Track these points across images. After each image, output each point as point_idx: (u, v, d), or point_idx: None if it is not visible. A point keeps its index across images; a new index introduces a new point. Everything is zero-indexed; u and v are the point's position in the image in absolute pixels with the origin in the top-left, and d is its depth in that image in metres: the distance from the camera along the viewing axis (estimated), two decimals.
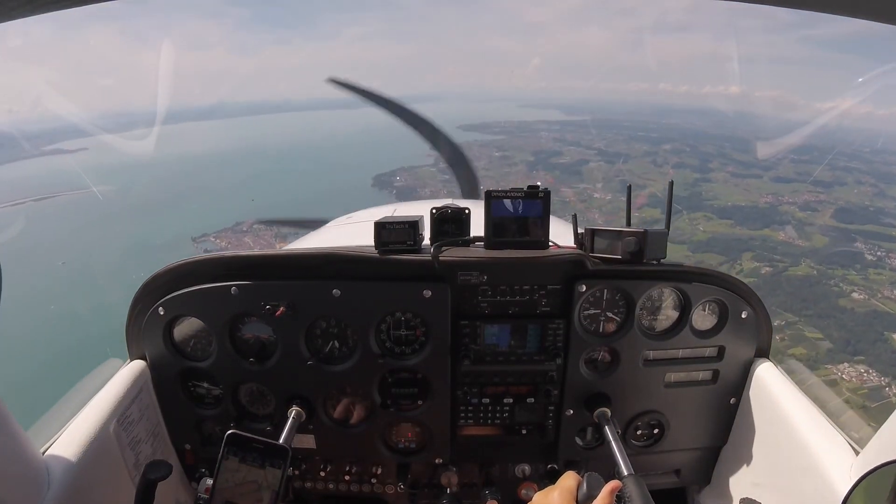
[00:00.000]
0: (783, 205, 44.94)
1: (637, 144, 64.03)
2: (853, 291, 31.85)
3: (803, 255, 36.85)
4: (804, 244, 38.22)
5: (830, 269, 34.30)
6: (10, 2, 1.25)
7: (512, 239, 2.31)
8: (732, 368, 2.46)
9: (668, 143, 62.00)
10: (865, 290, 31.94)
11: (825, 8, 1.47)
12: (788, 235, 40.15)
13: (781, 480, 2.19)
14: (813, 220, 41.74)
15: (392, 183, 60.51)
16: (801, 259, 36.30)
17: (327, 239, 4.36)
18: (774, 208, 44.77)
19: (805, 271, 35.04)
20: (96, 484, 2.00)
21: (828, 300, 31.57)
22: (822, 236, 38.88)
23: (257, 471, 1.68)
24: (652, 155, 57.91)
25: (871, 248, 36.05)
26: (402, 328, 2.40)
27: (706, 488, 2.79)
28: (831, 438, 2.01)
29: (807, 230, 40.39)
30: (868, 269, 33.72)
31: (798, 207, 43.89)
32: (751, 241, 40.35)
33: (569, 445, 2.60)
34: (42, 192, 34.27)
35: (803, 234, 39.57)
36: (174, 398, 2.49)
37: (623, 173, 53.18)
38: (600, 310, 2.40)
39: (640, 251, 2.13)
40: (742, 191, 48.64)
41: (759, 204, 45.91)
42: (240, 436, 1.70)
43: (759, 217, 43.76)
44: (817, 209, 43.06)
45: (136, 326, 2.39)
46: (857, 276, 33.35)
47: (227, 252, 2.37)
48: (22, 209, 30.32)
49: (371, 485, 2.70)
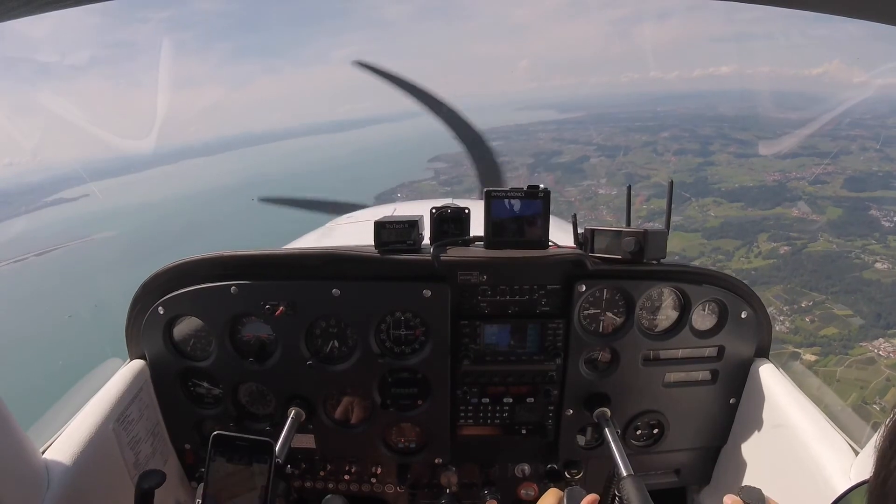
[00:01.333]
0: (791, 181, 44.38)
1: (635, 135, 63.44)
2: (876, 262, 30.97)
3: (820, 229, 36.10)
4: (819, 218, 37.60)
5: (850, 241, 33.67)
6: (11, 2, 1.24)
7: (512, 239, 2.30)
8: (732, 368, 2.46)
9: (665, 130, 61.27)
10: (888, 258, 31.05)
11: (825, 8, 1.46)
12: (802, 211, 39.22)
13: (781, 480, 2.18)
14: (824, 193, 41.17)
15: (394, 199, 59.02)
16: (819, 234, 35.64)
17: (327, 238, 4.41)
18: (783, 185, 44.16)
19: (824, 246, 34.37)
20: (96, 484, 2.01)
21: (852, 273, 30.85)
22: (836, 207, 38.15)
23: (245, 469, 1.68)
24: (652, 144, 57.27)
25: (887, 215, 35.01)
26: (402, 328, 2.40)
27: (706, 488, 2.80)
28: (831, 438, 2.02)
29: (819, 203, 39.72)
30: (887, 237, 33.11)
31: (808, 182, 43.29)
32: (764, 222, 39.45)
33: (569, 445, 2.60)
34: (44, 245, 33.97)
35: (816, 208, 38.97)
36: (174, 398, 2.49)
37: (625, 165, 52.53)
38: (600, 310, 2.40)
39: (639, 251, 2.13)
40: (747, 171, 48.03)
41: (767, 183, 45.22)
42: (224, 436, 1.69)
43: (770, 196, 42.77)
44: (827, 181, 42.46)
45: (136, 326, 2.39)
46: (878, 244, 32.68)
47: (227, 251, 2.35)
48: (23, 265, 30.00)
49: (371, 485, 2.70)
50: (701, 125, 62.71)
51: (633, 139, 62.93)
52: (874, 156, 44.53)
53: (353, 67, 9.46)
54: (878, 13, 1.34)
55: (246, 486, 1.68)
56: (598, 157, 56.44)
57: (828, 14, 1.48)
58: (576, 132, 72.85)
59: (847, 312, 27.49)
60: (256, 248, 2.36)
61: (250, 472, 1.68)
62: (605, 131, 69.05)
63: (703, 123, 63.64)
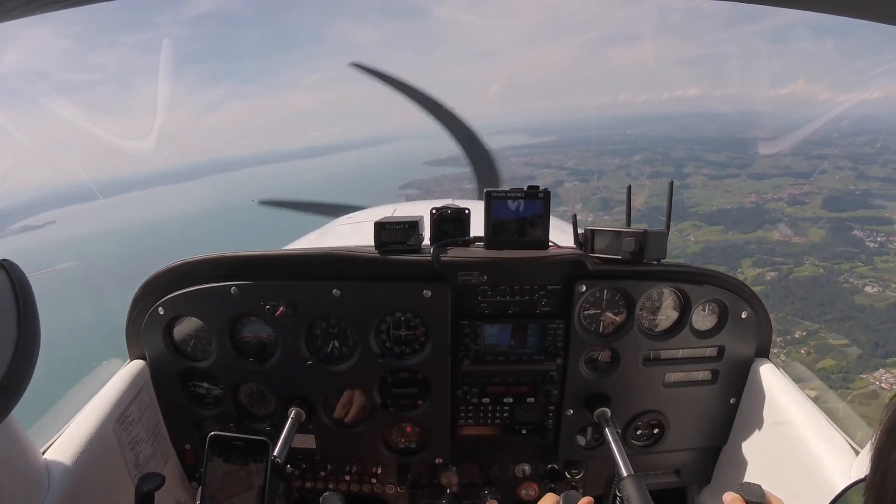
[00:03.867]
0: (769, 202, 44.94)
1: (608, 158, 63.73)
2: (866, 285, 30.90)
3: (804, 252, 36.14)
4: (802, 241, 37.64)
5: (836, 265, 33.66)
6: (11, 2, 1.24)
7: (512, 239, 2.31)
8: (732, 368, 2.47)
9: (638, 153, 61.86)
10: (877, 281, 31.09)
11: (826, 8, 1.44)
12: (784, 234, 39.30)
13: (781, 480, 2.17)
14: (804, 214, 41.37)
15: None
16: (804, 257, 35.55)
17: (327, 239, 4.37)
18: (761, 207, 44.56)
19: (811, 271, 34.09)
20: (96, 484, 2.02)
21: (843, 299, 30.60)
22: (818, 229, 38.34)
23: (242, 468, 1.68)
24: (625, 168, 57.56)
25: (870, 235, 35.34)
26: (402, 328, 2.41)
27: (706, 488, 2.80)
28: (831, 438, 2.02)
29: (801, 225, 39.95)
30: (873, 258, 33.11)
31: (786, 203, 43.71)
32: (747, 246, 39.47)
33: (569, 445, 2.61)
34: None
35: (798, 230, 39.22)
36: (174, 398, 2.51)
37: (600, 190, 52.36)
38: (600, 310, 2.41)
39: (639, 251, 2.14)
40: (723, 192, 48.51)
41: (744, 204, 45.75)
42: (221, 436, 1.70)
43: (749, 218, 42.95)
44: (805, 202, 42.75)
45: (136, 326, 2.40)
46: (865, 267, 32.71)
47: (228, 252, 2.35)
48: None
49: (371, 485, 2.72)
50: (673, 147, 63.51)
51: (606, 163, 63.24)
52: (850, 174, 45.13)
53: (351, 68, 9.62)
54: (879, 13, 1.32)
55: (243, 486, 1.67)
56: (572, 181, 56.42)
57: (828, 14, 1.44)
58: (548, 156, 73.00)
59: (843, 342, 26.99)
60: (257, 249, 2.34)
61: (247, 472, 1.67)
62: (578, 155, 69.34)
63: (675, 146, 64.45)
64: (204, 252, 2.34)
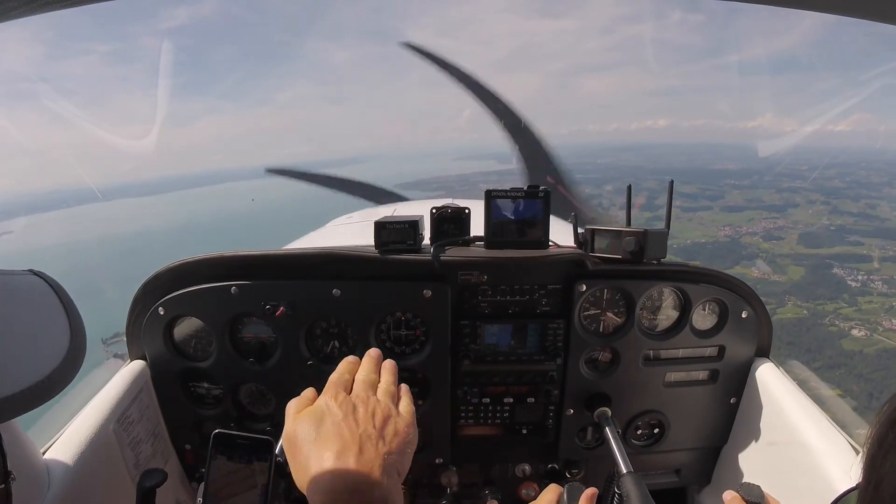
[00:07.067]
0: (744, 236, 44.39)
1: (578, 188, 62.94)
2: (852, 328, 30.16)
3: (786, 292, 35.34)
4: (781, 278, 36.58)
5: (820, 306, 32.70)
6: (11, 2, 1.24)
7: (512, 239, 2.28)
8: (732, 368, 2.44)
9: (609, 183, 61.35)
10: (864, 324, 30.20)
11: (825, 8, 1.42)
12: (762, 271, 38.75)
13: (782, 480, 2.15)
14: (781, 250, 40.56)
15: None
16: (786, 298, 34.88)
17: (327, 239, 4.32)
18: (736, 241, 43.81)
19: (794, 312, 33.34)
20: (96, 484, 2.00)
21: (831, 345, 29.81)
22: (797, 266, 37.44)
23: (246, 467, 1.63)
24: (597, 198, 56.76)
25: (850, 274, 34.57)
26: (403, 328, 2.38)
27: (706, 488, 2.77)
28: (832, 438, 1.98)
29: (779, 262, 39.05)
30: (857, 298, 32.19)
31: (761, 237, 43.05)
32: None
33: (569, 445, 2.58)
34: None
35: (777, 268, 38.34)
36: (174, 398, 2.48)
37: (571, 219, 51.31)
38: (600, 309, 2.37)
39: (640, 251, 2.10)
40: (697, 225, 47.97)
41: (719, 238, 45.12)
42: (225, 434, 1.63)
43: (726, 253, 42.31)
44: (781, 237, 42.03)
45: (136, 326, 2.37)
46: (850, 308, 31.78)
47: (228, 252, 2.33)
48: None
49: None
50: (643, 178, 63.25)
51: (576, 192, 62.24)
52: (822, 209, 44.88)
53: (403, 49, 9.54)
54: (879, 13, 1.31)
55: (246, 485, 1.63)
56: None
57: (828, 14, 1.42)
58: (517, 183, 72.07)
59: (836, 392, 24.77)
60: (257, 249, 2.31)
61: (251, 471, 1.62)
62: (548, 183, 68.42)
63: (645, 176, 64.27)
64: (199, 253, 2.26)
